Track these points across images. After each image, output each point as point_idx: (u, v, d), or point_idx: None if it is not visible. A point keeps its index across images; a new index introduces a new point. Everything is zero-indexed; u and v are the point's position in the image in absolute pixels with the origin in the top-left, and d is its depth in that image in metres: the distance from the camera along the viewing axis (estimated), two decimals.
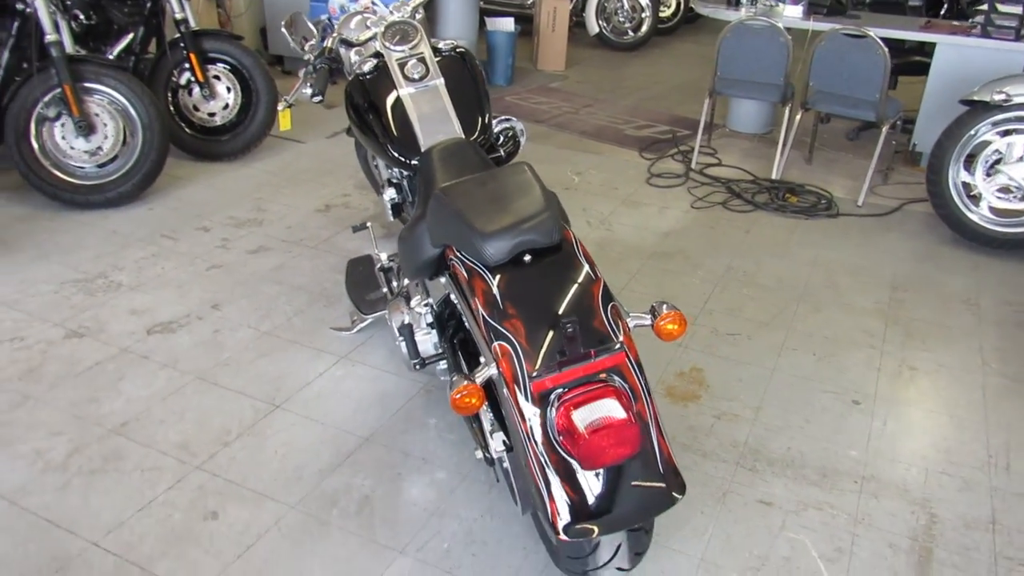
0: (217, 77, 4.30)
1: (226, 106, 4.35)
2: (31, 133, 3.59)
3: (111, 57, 4.21)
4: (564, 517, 1.45)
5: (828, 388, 2.69)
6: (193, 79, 4.21)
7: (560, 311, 1.50)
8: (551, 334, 1.46)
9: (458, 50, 2.52)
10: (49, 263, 3.22)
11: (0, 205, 3.69)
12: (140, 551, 1.92)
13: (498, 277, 1.56)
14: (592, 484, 1.47)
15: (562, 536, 1.44)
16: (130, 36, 4.26)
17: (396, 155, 2.31)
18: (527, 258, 1.58)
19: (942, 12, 7.20)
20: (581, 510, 1.46)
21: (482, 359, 1.60)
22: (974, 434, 2.50)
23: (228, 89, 4.33)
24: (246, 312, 2.96)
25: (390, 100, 2.34)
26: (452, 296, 1.91)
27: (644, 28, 7.79)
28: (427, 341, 2.15)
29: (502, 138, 2.70)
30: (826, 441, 2.43)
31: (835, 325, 3.08)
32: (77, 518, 2.00)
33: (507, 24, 6.26)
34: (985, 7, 4.32)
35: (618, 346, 1.46)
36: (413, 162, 2.28)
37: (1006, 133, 3.65)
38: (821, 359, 2.85)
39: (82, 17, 4.18)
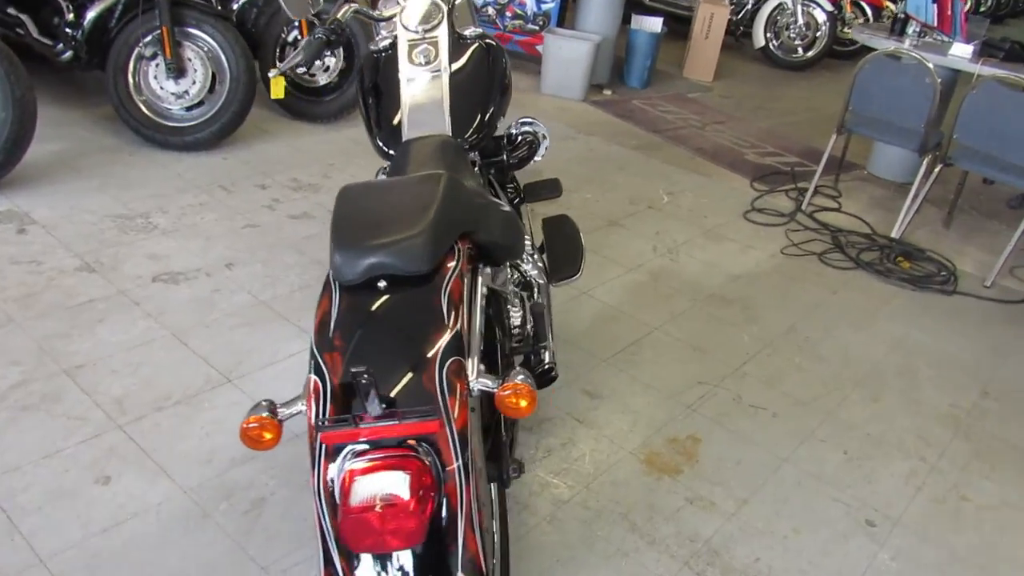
0: None
1: (327, 68, 4.35)
2: (129, 69, 3.73)
3: (235, 7, 4.32)
4: None
5: (843, 498, 2.25)
6: (300, 37, 4.24)
7: (386, 356, 1.26)
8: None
9: (486, 41, 2.29)
10: (105, 195, 3.33)
11: (92, 135, 3.88)
12: (18, 501, 1.88)
13: (342, 300, 1.34)
14: (374, 566, 1.23)
15: None
16: None
17: (379, 143, 2.13)
18: (381, 284, 1.35)
19: None
20: None
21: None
22: None
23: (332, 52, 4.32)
24: (255, 277, 2.91)
25: (390, 82, 2.16)
26: None
27: (816, 48, 7.11)
28: None
29: (519, 140, 2.44)
30: (808, 563, 2.02)
31: (888, 422, 2.58)
32: None
33: (653, 24, 5.89)
34: None
35: (434, 411, 1.20)
36: (392, 152, 2.09)
37: None
38: (851, 460, 2.39)
39: None
